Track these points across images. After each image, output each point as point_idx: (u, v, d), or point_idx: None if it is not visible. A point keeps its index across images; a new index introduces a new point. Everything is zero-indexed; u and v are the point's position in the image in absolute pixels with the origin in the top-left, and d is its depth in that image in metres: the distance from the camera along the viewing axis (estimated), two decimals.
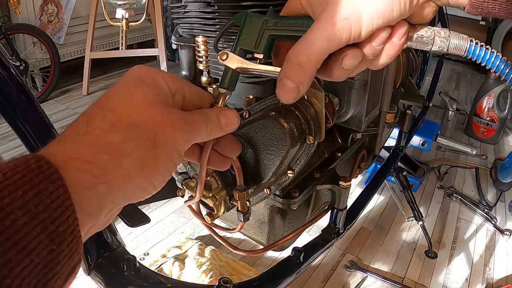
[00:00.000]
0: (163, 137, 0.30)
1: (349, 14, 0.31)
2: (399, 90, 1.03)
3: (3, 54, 0.55)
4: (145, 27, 3.57)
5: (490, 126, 2.43)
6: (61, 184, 0.24)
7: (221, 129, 0.36)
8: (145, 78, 0.32)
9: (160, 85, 0.32)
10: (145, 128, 0.29)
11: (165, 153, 0.31)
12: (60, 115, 2.64)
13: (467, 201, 1.87)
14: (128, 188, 0.29)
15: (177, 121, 0.31)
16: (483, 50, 0.33)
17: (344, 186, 0.69)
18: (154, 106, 0.31)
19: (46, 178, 0.24)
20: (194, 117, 0.33)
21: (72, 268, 0.25)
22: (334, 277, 1.43)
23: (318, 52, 0.33)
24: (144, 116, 0.30)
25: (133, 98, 0.30)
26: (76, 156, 0.27)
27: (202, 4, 0.68)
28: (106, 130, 0.28)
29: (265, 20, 0.37)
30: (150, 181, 0.31)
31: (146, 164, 0.29)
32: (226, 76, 0.38)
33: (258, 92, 0.73)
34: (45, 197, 0.23)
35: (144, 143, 0.29)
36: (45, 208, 0.23)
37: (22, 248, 0.22)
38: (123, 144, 0.28)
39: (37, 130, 0.57)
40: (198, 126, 0.34)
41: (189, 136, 0.33)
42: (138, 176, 0.29)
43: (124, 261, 0.57)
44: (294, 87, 0.34)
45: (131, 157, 0.28)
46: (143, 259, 1.42)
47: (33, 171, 0.24)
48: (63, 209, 0.24)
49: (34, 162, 0.24)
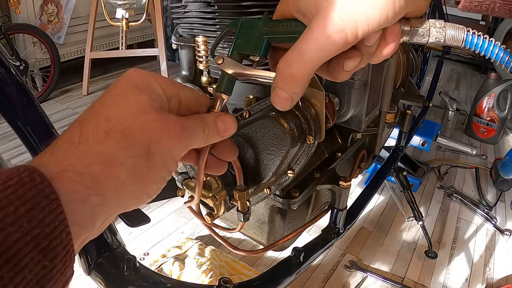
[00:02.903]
0: (158, 145, 0.30)
1: (345, 25, 0.30)
2: (399, 90, 1.03)
3: (3, 54, 0.55)
4: (145, 27, 3.57)
5: (490, 126, 2.43)
6: (54, 198, 0.24)
7: (219, 134, 0.36)
8: (139, 83, 0.31)
9: (155, 90, 0.31)
10: (139, 136, 0.29)
11: (160, 161, 0.30)
12: (60, 115, 2.64)
13: (467, 201, 1.86)
14: (122, 198, 0.29)
15: (173, 128, 0.31)
16: (480, 39, 0.32)
17: (344, 186, 0.69)
18: (149, 113, 0.30)
19: (39, 192, 0.24)
20: (191, 122, 0.33)
21: (65, 282, 0.25)
22: (334, 277, 1.43)
23: (311, 63, 0.32)
24: (139, 123, 0.29)
25: (127, 105, 0.30)
26: (70, 168, 0.26)
27: (202, 4, 0.68)
28: (99, 139, 0.28)
29: (260, 24, 0.37)
30: (145, 190, 0.30)
31: (140, 174, 0.29)
32: (223, 81, 0.38)
33: (258, 92, 0.73)
34: (37, 212, 0.23)
35: (138, 151, 0.29)
36: (38, 224, 0.23)
37: (14, 265, 0.21)
38: (116, 153, 0.28)
39: (37, 130, 0.57)
40: (195, 132, 0.33)
41: (186, 143, 0.32)
42: (132, 186, 0.29)
43: (124, 261, 0.57)
44: (288, 97, 0.34)
45: (124, 167, 0.28)
46: (143, 259, 1.42)
47: (26, 185, 0.23)
48: (56, 224, 0.24)
49: (27, 175, 0.24)
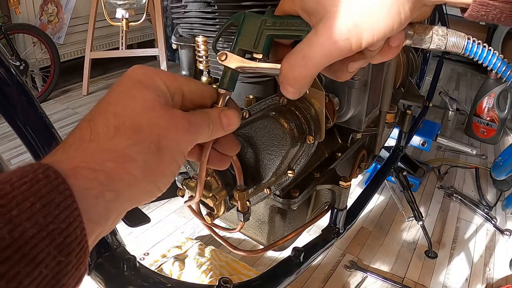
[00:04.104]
0: (167, 140, 0.30)
1: (350, 35, 0.31)
2: (399, 90, 1.03)
3: (3, 54, 0.55)
4: (145, 27, 3.57)
5: (490, 126, 2.43)
6: (68, 194, 0.24)
7: (223, 129, 0.36)
8: (144, 80, 0.32)
9: (159, 86, 0.32)
10: (148, 132, 0.30)
11: (170, 155, 0.31)
12: (60, 115, 2.64)
13: (467, 201, 1.86)
14: (134, 193, 0.29)
15: (180, 123, 0.32)
16: (480, 48, 0.33)
17: (344, 186, 0.69)
18: (156, 109, 0.31)
19: (53, 188, 0.24)
20: (196, 118, 0.34)
21: (79, 278, 0.25)
22: (334, 277, 1.43)
23: (315, 67, 0.34)
24: (147, 119, 0.30)
25: (134, 102, 0.30)
26: (83, 165, 0.27)
27: (202, 4, 0.68)
28: (110, 136, 0.28)
29: (263, 20, 0.37)
30: (156, 185, 0.31)
31: (151, 168, 0.30)
32: (226, 76, 0.38)
33: (258, 92, 0.73)
34: (53, 208, 0.23)
35: (148, 147, 0.29)
36: (53, 219, 0.23)
37: (31, 260, 0.22)
38: (127, 149, 0.28)
39: (37, 130, 0.57)
40: (201, 126, 0.34)
41: (192, 137, 0.33)
42: (144, 180, 0.29)
43: (124, 261, 0.57)
44: (295, 91, 0.36)
45: (136, 162, 0.29)
46: (143, 259, 1.42)
47: (41, 181, 0.24)
48: (71, 220, 0.24)
49: (42, 172, 0.24)
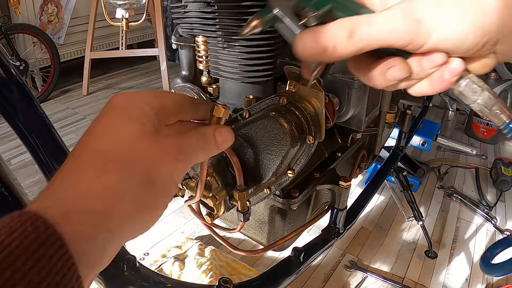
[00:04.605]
0: (157, 171, 0.29)
1: (423, 18, 0.29)
2: (399, 90, 1.03)
3: (3, 54, 0.55)
4: (145, 27, 3.57)
5: (490, 126, 2.42)
6: (60, 245, 0.24)
7: (217, 147, 0.35)
8: (127, 108, 0.30)
9: (144, 111, 0.31)
10: (137, 165, 0.28)
11: (162, 187, 0.30)
12: (60, 115, 2.64)
13: (467, 201, 1.86)
14: (128, 229, 0.29)
15: (170, 152, 0.30)
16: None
17: (344, 186, 0.69)
18: (143, 140, 0.29)
19: (44, 241, 0.23)
20: (189, 141, 0.32)
21: None
22: (334, 277, 1.43)
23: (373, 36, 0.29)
24: (134, 152, 0.29)
25: (119, 134, 0.29)
26: (73, 208, 0.26)
27: (202, 4, 0.68)
28: (98, 174, 0.27)
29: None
30: (150, 218, 0.30)
31: (144, 202, 0.29)
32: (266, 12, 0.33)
33: (258, 92, 0.73)
34: (45, 262, 0.23)
35: (138, 181, 0.28)
36: (47, 274, 0.23)
37: None
38: (117, 186, 0.27)
39: (37, 130, 0.57)
40: (194, 152, 0.33)
41: (184, 165, 0.32)
42: (137, 215, 0.29)
43: (124, 261, 0.57)
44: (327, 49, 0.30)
45: (128, 199, 0.28)
46: (143, 259, 1.42)
47: (31, 235, 0.23)
48: (65, 271, 0.24)
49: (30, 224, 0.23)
